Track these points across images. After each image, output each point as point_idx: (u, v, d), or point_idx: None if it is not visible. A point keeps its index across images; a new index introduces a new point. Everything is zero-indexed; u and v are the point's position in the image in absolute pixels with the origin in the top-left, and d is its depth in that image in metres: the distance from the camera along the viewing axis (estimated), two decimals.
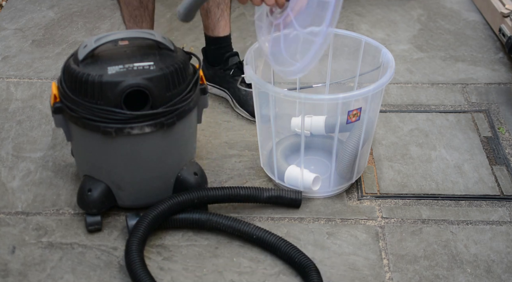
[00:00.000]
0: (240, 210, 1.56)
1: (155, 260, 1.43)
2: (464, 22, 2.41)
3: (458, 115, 1.89)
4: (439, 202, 1.59)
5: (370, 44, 1.59)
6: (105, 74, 1.34)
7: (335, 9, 1.30)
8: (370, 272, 1.40)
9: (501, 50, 2.21)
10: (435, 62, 2.15)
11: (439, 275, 1.39)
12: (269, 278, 1.39)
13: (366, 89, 1.42)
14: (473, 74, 2.09)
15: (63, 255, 1.44)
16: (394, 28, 2.36)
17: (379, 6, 2.52)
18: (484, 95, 1.98)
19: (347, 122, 1.47)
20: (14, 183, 1.64)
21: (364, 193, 1.62)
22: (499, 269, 1.41)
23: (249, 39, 2.25)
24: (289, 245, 1.40)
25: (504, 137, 1.80)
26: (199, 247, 1.46)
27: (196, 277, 1.39)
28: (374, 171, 1.68)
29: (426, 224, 1.53)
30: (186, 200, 1.44)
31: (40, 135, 1.80)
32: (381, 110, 1.83)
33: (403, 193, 1.62)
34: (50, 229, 1.51)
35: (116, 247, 1.46)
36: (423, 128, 1.84)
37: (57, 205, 1.57)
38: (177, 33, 2.32)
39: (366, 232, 1.50)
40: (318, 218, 1.54)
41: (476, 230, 1.51)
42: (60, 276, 1.39)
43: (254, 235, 1.43)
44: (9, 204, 1.57)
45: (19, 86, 2.00)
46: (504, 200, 1.60)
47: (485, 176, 1.67)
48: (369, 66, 1.62)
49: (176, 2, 2.53)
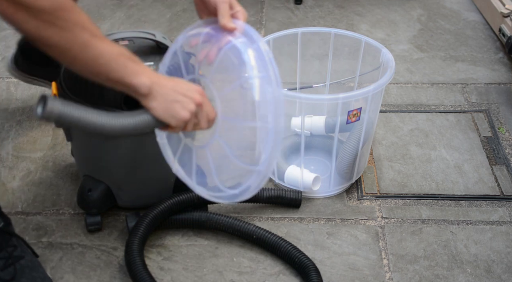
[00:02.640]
0: (240, 210, 1.56)
1: (155, 260, 1.43)
2: (464, 22, 2.41)
3: (458, 115, 1.89)
4: (439, 202, 1.59)
5: (370, 44, 1.59)
6: None
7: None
8: (370, 272, 1.40)
9: (501, 50, 2.21)
10: (435, 62, 2.15)
11: (439, 275, 1.39)
12: (269, 278, 1.39)
13: (366, 89, 1.42)
14: (473, 74, 2.09)
15: (63, 255, 1.44)
16: (394, 28, 2.36)
17: (379, 6, 2.52)
18: (484, 95, 1.98)
19: (347, 122, 1.47)
20: (14, 183, 1.64)
21: (364, 193, 1.62)
22: (499, 269, 1.41)
23: None
24: (289, 245, 1.40)
25: (504, 137, 1.80)
26: (199, 247, 1.46)
27: (196, 277, 1.39)
28: (374, 171, 1.68)
29: (426, 224, 1.53)
30: (186, 200, 1.44)
31: (40, 135, 1.80)
32: (381, 110, 1.83)
33: (403, 193, 1.62)
34: (50, 229, 1.51)
35: (116, 247, 1.46)
36: (423, 128, 1.84)
37: (57, 205, 1.57)
38: (177, 33, 2.32)
39: (366, 232, 1.50)
40: (318, 218, 1.54)
41: (476, 230, 1.51)
42: (60, 276, 1.39)
43: (254, 235, 1.43)
44: (9, 204, 1.57)
45: (19, 86, 2.00)
46: (504, 200, 1.60)
47: (485, 176, 1.67)
48: (369, 66, 1.62)
49: (176, 2, 2.53)
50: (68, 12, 0.97)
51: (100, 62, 1.01)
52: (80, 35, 0.99)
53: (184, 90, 1.08)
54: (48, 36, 0.97)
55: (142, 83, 1.04)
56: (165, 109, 1.07)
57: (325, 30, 1.65)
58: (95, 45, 1.00)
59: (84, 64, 1.02)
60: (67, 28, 0.97)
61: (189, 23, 2.36)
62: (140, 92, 1.05)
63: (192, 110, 1.08)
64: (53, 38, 0.97)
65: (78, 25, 0.98)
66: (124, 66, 1.03)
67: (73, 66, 1.04)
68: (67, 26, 0.97)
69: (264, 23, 2.38)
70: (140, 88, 1.04)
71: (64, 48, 0.99)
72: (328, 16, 2.44)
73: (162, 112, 1.07)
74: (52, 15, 0.95)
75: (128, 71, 1.03)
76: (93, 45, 1.00)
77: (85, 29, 1.00)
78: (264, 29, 2.33)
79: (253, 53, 1.11)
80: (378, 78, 1.51)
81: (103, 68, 1.02)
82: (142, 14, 2.44)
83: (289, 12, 2.47)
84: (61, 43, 0.98)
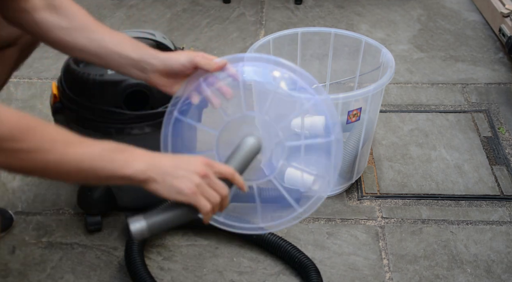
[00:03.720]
0: None
1: (155, 260, 1.43)
2: (464, 22, 2.41)
3: (458, 115, 1.89)
4: (439, 202, 1.59)
5: (370, 44, 1.59)
6: (105, 74, 1.34)
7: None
8: (370, 272, 1.40)
9: (501, 50, 2.21)
10: (435, 62, 2.15)
11: (439, 275, 1.39)
12: (269, 278, 1.39)
13: (366, 89, 1.42)
14: (473, 74, 2.09)
15: (63, 255, 1.44)
16: (394, 28, 2.36)
17: (379, 6, 2.52)
18: (484, 95, 1.98)
19: (347, 122, 1.47)
20: (14, 183, 1.64)
21: (364, 193, 1.62)
22: (499, 269, 1.41)
23: (249, 40, 2.25)
24: (289, 245, 1.40)
25: (504, 137, 1.80)
26: (199, 247, 1.46)
27: (196, 277, 1.39)
28: (374, 171, 1.68)
29: (426, 224, 1.53)
30: None
31: None
32: (381, 110, 1.83)
33: (403, 193, 1.62)
34: (50, 229, 1.51)
35: (116, 247, 1.46)
36: (423, 128, 1.84)
37: (57, 205, 1.57)
38: (177, 33, 2.32)
39: (366, 232, 1.50)
40: (318, 218, 1.54)
41: (476, 230, 1.51)
42: (60, 276, 1.39)
43: (254, 235, 1.43)
44: (9, 204, 1.57)
45: (19, 86, 2.00)
46: (504, 200, 1.60)
47: (485, 176, 1.67)
48: (369, 66, 1.62)
49: (176, 2, 2.53)
50: (31, 131, 0.89)
51: (84, 168, 0.93)
52: (52, 151, 0.90)
53: (185, 164, 1.01)
54: (19, 164, 0.89)
55: (136, 171, 0.97)
56: (169, 188, 1.00)
57: (325, 30, 1.65)
58: (72, 153, 0.92)
59: (69, 175, 0.94)
60: (35, 148, 0.89)
61: (189, 23, 2.36)
62: (139, 180, 0.97)
63: (196, 182, 1.00)
64: (26, 164, 0.90)
65: (45, 141, 0.90)
66: (111, 161, 0.95)
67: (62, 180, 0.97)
68: (35, 146, 0.89)
69: (264, 23, 2.38)
70: (137, 176, 0.97)
71: (42, 169, 0.91)
72: (328, 16, 2.45)
73: (167, 192, 1.00)
74: (14, 141, 0.87)
75: (116, 165, 0.95)
76: (70, 154, 0.92)
77: (56, 141, 0.91)
78: (264, 29, 2.33)
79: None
80: (378, 78, 1.51)
81: (90, 172, 0.94)
82: (142, 14, 2.44)
83: (289, 12, 2.47)
84: (36, 166, 0.90)
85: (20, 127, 0.88)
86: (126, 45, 1.14)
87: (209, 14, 2.44)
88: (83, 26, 1.15)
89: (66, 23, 1.14)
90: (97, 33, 1.14)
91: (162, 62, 1.12)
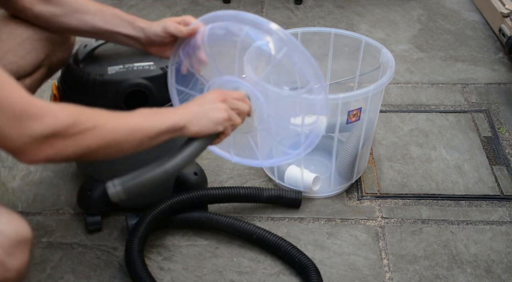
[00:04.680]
0: (240, 210, 1.56)
1: (155, 260, 1.43)
2: (464, 22, 2.41)
3: (458, 115, 1.89)
4: (439, 202, 1.59)
5: (370, 44, 1.59)
6: (106, 74, 1.34)
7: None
8: (370, 272, 1.40)
9: (501, 50, 2.21)
10: (435, 62, 2.15)
11: (439, 275, 1.39)
12: (269, 278, 1.39)
13: (366, 89, 1.42)
14: (473, 74, 2.09)
15: (63, 255, 1.44)
16: (394, 28, 2.36)
17: (379, 6, 2.52)
18: (484, 95, 1.98)
19: (347, 122, 1.47)
20: (14, 183, 1.64)
21: (364, 193, 1.62)
22: (499, 269, 1.41)
23: None
24: (289, 245, 1.40)
25: (504, 137, 1.80)
26: (199, 247, 1.46)
27: (196, 277, 1.39)
28: (374, 171, 1.68)
29: (426, 224, 1.53)
30: (186, 199, 1.44)
31: None
32: (381, 110, 1.83)
33: (403, 193, 1.62)
34: (50, 229, 1.51)
35: (116, 247, 1.46)
36: (423, 128, 1.84)
37: (57, 205, 1.57)
38: None
39: (366, 232, 1.50)
40: (318, 218, 1.54)
41: (476, 230, 1.51)
42: (60, 276, 1.39)
43: (254, 235, 1.43)
44: (9, 204, 1.57)
45: None
46: (504, 200, 1.60)
47: (485, 176, 1.67)
48: (369, 66, 1.62)
49: (176, 2, 2.53)
50: (83, 114, 1.00)
51: (136, 131, 1.06)
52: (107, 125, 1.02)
53: (206, 100, 1.16)
54: (86, 145, 0.99)
55: (175, 121, 1.10)
56: (205, 125, 1.14)
57: (325, 30, 1.65)
58: (124, 122, 1.05)
59: (128, 141, 1.05)
60: (93, 126, 1.00)
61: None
62: (179, 127, 1.11)
63: (223, 108, 1.15)
64: (91, 142, 1.00)
65: (97, 118, 1.02)
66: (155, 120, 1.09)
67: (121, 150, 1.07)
68: (93, 124, 1.00)
69: None
70: (177, 124, 1.10)
71: (107, 142, 1.02)
72: (328, 16, 2.45)
73: (206, 128, 1.14)
74: (75, 125, 0.97)
75: (160, 122, 1.09)
76: (122, 123, 1.05)
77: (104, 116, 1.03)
78: None
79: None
80: (378, 78, 1.51)
81: (143, 133, 1.07)
82: (142, 14, 2.44)
83: (289, 12, 2.47)
84: (100, 141, 1.01)
85: (73, 114, 0.98)
86: (116, 22, 1.28)
87: None
88: (75, 10, 1.28)
89: (59, 10, 1.27)
90: (88, 14, 1.28)
91: (145, 35, 1.28)
